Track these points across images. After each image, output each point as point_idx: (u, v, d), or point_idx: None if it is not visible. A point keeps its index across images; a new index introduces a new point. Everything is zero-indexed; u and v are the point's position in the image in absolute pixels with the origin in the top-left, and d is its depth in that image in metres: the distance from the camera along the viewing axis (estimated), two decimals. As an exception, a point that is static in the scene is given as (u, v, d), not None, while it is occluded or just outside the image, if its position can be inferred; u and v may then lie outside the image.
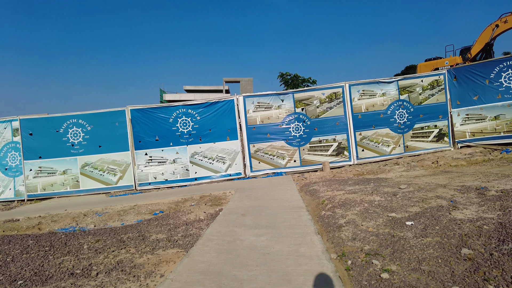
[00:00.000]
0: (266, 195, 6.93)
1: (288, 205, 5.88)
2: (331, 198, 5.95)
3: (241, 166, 10.71)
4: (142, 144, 10.75)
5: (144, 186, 10.72)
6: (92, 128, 10.84)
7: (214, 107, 10.77)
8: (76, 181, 10.76)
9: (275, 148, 10.73)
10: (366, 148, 10.93)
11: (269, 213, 5.41)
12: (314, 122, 10.79)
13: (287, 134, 10.74)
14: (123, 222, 6.61)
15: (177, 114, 10.74)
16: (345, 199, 5.64)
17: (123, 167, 10.82)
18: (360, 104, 10.93)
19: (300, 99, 10.80)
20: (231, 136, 10.75)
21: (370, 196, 5.67)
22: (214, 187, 9.06)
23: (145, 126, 10.74)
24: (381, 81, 11.00)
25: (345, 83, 10.88)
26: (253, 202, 6.28)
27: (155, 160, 10.77)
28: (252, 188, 7.81)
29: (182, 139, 10.75)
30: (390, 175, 8.22)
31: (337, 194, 6.23)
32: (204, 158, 10.76)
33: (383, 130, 10.99)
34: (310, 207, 5.80)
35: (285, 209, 5.59)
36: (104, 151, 10.84)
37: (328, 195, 6.34)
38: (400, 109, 11.02)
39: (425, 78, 11.14)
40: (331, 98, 10.84)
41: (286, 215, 5.23)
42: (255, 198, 6.66)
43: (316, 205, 5.84)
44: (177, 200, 7.56)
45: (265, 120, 10.74)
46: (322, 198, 6.14)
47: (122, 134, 10.78)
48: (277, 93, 10.79)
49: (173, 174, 10.75)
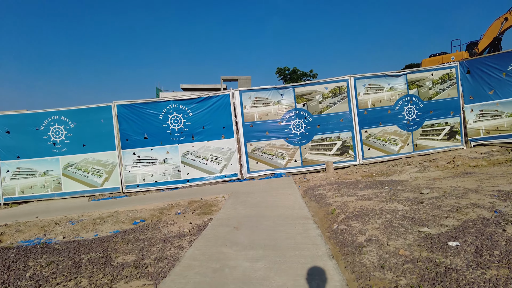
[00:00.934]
0: (264, 201, 5.80)
1: (291, 214, 4.76)
2: (342, 205, 4.83)
3: (237, 166, 9.58)
4: (130, 143, 9.61)
5: (132, 188, 9.58)
6: (76, 125, 9.69)
7: (208, 102, 9.64)
8: (58, 183, 9.61)
9: (274, 147, 9.61)
10: (373, 147, 9.82)
11: (268, 226, 4.28)
12: (317, 119, 9.67)
13: (287, 131, 9.62)
14: (97, 233, 5.48)
15: (167, 110, 9.60)
16: (360, 208, 4.52)
17: (109, 167, 9.68)
18: (366, 99, 9.82)
19: (301, 94, 9.68)
20: (227, 134, 9.62)
21: (390, 204, 4.56)
22: (207, 190, 7.92)
23: (133, 123, 9.60)
24: (388, 75, 9.89)
25: (350, 76, 9.77)
26: (249, 211, 5.16)
27: (144, 160, 9.64)
28: (249, 192, 6.69)
29: (173, 137, 9.61)
30: (404, 176, 7.11)
31: (349, 201, 5.11)
32: (197, 158, 9.63)
33: (391, 127, 9.89)
34: (317, 217, 4.68)
35: (287, 220, 4.47)
36: (89, 150, 9.69)
37: (337, 201, 5.21)
38: (409, 105, 9.92)
39: (436, 71, 10.04)
40: (334, 92, 9.73)
41: (290, 228, 4.11)
42: (252, 205, 5.53)
43: (325, 214, 4.71)
44: (163, 206, 6.43)
45: (264, 117, 9.62)
46: (331, 205, 5.01)
47: (108, 132, 9.64)
48: (276, 87, 9.67)
49: (163, 176, 9.61)
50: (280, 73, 24.41)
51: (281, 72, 24.21)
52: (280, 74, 24.35)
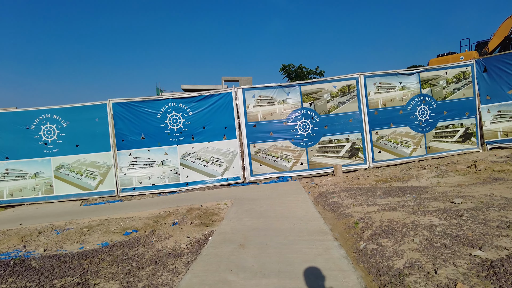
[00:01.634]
0: (272, 209, 5.04)
1: (305, 227, 4.00)
2: (365, 217, 4.07)
3: (240, 169, 8.83)
4: (126, 144, 8.85)
5: (128, 192, 8.81)
6: (69, 124, 8.93)
7: (209, 101, 8.89)
8: (49, 186, 8.84)
9: (279, 149, 8.86)
10: (383, 149, 9.07)
11: (280, 243, 3.52)
12: (324, 119, 8.92)
13: (293, 132, 8.86)
14: (83, 245, 4.72)
15: (166, 109, 8.85)
16: (388, 221, 3.76)
17: (103, 169, 8.92)
18: (376, 98, 9.08)
19: (308, 93, 8.94)
20: (229, 135, 8.87)
21: (422, 216, 3.81)
22: (207, 195, 7.16)
23: (129, 122, 8.84)
24: (400, 73, 9.15)
25: (359, 74, 9.03)
26: (256, 222, 4.39)
27: (141, 161, 8.88)
28: (254, 199, 5.92)
29: (172, 137, 8.85)
30: (423, 182, 6.36)
31: (371, 211, 4.36)
32: (197, 160, 8.87)
33: (403, 128, 9.14)
34: (337, 232, 3.92)
35: (302, 235, 3.71)
36: (82, 151, 8.92)
37: (357, 212, 4.46)
38: (422, 105, 9.18)
39: (450, 69, 9.30)
40: (343, 91, 8.99)
41: (306, 247, 3.35)
42: (258, 215, 4.77)
43: (346, 228, 3.95)
44: (158, 214, 5.67)
45: (268, 117, 8.87)
46: (351, 217, 4.25)
47: (102, 131, 8.88)
48: (281, 85, 8.92)
49: (161, 178, 8.85)
50: (285, 71, 22.72)
51: (285, 70, 22.49)
52: (285, 72, 22.67)
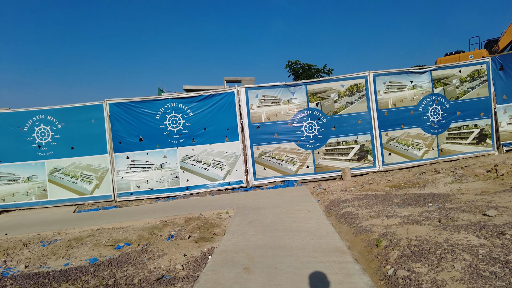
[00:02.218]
0: (279, 220, 4.46)
1: (319, 244, 3.42)
2: (387, 233, 3.49)
3: (243, 172, 8.26)
4: (123, 146, 8.30)
5: (125, 196, 8.26)
6: (64, 126, 8.39)
7: (210, 101, 8.32)
8: (43, 190, 8.30)
9: (284, 151, 8.28)
10: (394, 151, 8.48)
11: (292, 266, 2.95)
12: (332, 120, 8.33)
13: (299, 134, 8.28)
14: (68, 261, 4.18)
15: (165, 109, 8.29)
16: (416, 239, 3.18)
17: (100, 173, 8.37)
18: (386, 98, 8.49)
19: (314, 92, 8.35)
20: (231, 137, 8.30)
21: (456, 233, 3.22)
22: (208, 202, 6.58)
23: (126, 123, 8.29)
24: (411, 71, 8.56)
25: (368, 72, 8.44)
26: (262, 237, 3.82)
27: (139, 165, 8.33)
28: (258, 208, 5.34)
29: (171, 139, 8.29)
30: (442, 188, 5.77)
31: (392, 225, 3.78)
32: (198, 163, 8.30)
33: (414, 130, 8.54)
34: (355, 250, 3.35)
35: (316, 255, 3.14)
36: (78, 154, 8.38)
37: (376, 225, 3.88)
38: (434, 105, 8.58)
39: (464, 67, 8.70)
40: (351, 91, 8.40)
41: (323, 271, 2.78)
42: (264, 228, 4.19)
43: (366, 246, 3.37)
44: (154, 224, 5.10)
45: (272, 117, 8.29)
46: (370, 231, 3.67)
47: (99, 133, 8.33)
48: (286, 84, 8.34)
49: (159, 182, 8.29)
50: (291, 68, 20.94)
51: (291, 67, 20.70)
52: (291, 69, 20.92)
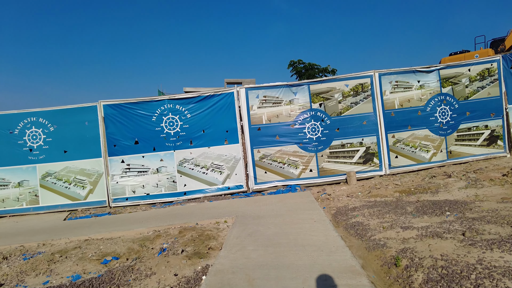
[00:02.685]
0: (282, 232, 4.00)
1: (328, 263, 2.95)
2: (407, 250, 3.01)
3: (243, 176, 7.79)
4: (118, 149, 7.85)
5: (120, 202, 7.81)
6: (56, 128, 7.95)
7: (209, 102, 7.87)
8: (34, 196, 7.85)
9: (286, 154, 7.82)
10: (401, 154, 8.01)
11: (299, 292, 2.48)
12: (336, 121, 7.87)
13: (301, 136, 7.82)
14: (48, 279, 3.73)
15: (161, 111, 7.85)
16: (442, 258, 2.71)
17: (94, 177, 7.92)
18: (392, 98, 8.03)
19: (317, 92, 7.90)
20: (230, 139, 7.85)
21: (489, 252, 2.75)
22: (206, 209, 6.11)
23: (121, 126, 7.85)
24: (418, 70, 8.10)
25: (374, 72, 7.98)
26: (263, 254, 3.35)
27: (134, 169, 7.88)
28: (259, 216, 4.87)
29: (168, 142, 7.85)
30: (457, 194, 5.29)
31: (409, 238, 3.31)
32: (196, 167, 7.85)
33: (422, 131, 8.08)
34: (371, 269, 2.88)
35: (326, 278, 2.67)
36: (71, 157, 7.94)
37: (392, 238, 3.41)
38: (442, 105, 8.12)
39: (473, 66, 8.24)
40: (356, 90, 7.95)
41: (336, 300, 2.31)
42: (266, 241, 3.72)
43: (382, 265, 2.90)
44: (146, 235, 4.64)
45: (273, 119, 7.84)
46: (386, 247, 3.19)
47: (93, 136, 7.89)
48: (288, 84, 7.89)
49: (156, 187, 7.83)
50: (294, 67, 19.65)
51: (294, 66, 19.59)
52: (294, 69, 19.78)
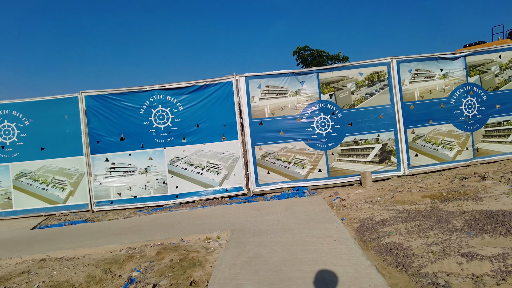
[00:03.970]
0: (293, 259, 2.84)
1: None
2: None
3: (243, 177, 6.64)
4: (102, 146, 6.72)
5: (104, 205, 6.69)
6: (32, 122, 6.82)
7: (204, 93, 6.71)
8: (7, 198, 6.74)
9: (292, 152, 6.66)
10: (421, 152, 6.84)
11: None
12: (348, 114, 6.70)
13: (309, 131, 6.66)
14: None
15: (150, 102, 6.70)
16: None
17: (74, 178, 6.80)
18: (412, 89, 6.85)
19: (327, 81, 6.72)
20: (228, 135, 6.70)
21: None
22: (197, 217, 4.93)
23: (105, 120, 6.71)
24: (441, 57, 6.90)
25: (391, 58, 6.79)
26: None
27: (120, 168, 6.74)
28: (261, 231, 3.70)
29: (158, 138, 6.70)
30: (509, 202, 4.12)
31: (484, 275, 2.15)
32: (190, 166, 6.70)
33: (445, 126, 6.89)
34: None
35: None
36: (49, 155, 6.81)
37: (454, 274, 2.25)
38: (468, 97, 6.93)
39: (505, 52, 7.03)
40: (371, 80, 6.77)
41: None
42: (271, 276, 2.56)
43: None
44: (116, 256, 3.49)
45: (277, 112, 6.68)
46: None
47: (73, 131, 6.76)
48: (294, 72, 6.72)
49: (144, 189, 6.70)
50: (300, 55, 16.76)
51: (300, 54, 16.69)
52: (299, 57, 16.84)
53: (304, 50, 15.59)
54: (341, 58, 15.98)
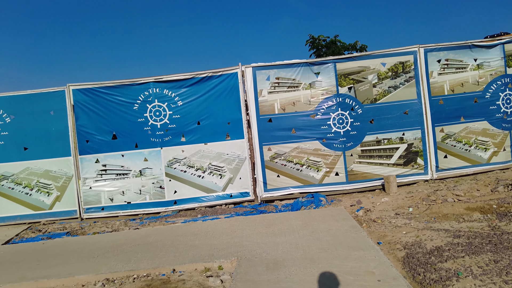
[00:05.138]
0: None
1: None
2: None
3: (249, 181, 5.73)
4: (92, 146, 5.84)
5: (94, 212, 5.82)
6: (14, 119, 5.95)
7: (206, 86, 5.78)
8: (-13, 204, 5.91)
9: (305, 153, 5.73)
10: (451, 153, 5.87)
11: None
12: (369, 110, 5.74)
13: (325, 129, 5.71)
14: None
15: (145, 97, 5.79)
16: None
17: (61, 181, 5.93)
18: (441, 82, 5.86)
19: (346, 73, 5.75)
20: (233, 133, 5.77)
21: None
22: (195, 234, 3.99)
23: (96, 116, 5.82)
24: (475, 45, 5.90)
25: (418, 46, 5.80)
26: None
27: (112, 171, 5.86)
28: (277, 262, 2.78)
29: (154, 137, 5.80)
30: None
31: None
32: (189, 169, 5.80)
33: (479, 124, 5.91)
34: None
35: None
36: (33, 156, 5.95)
37: None
38: (507, 91, 5.94)
39: (549, 39, 6.02)
40: (395, 71, 5.79)
41: None
42: None
43: None
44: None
45: (289, 107, 5.73)
46: None
47: (60, 129, 5.88)
48: (308, 62, 5.75)
49: (139, 194, 5.81)
50: (314, 45, 14.32)
51: (314, 43, 14.24)
52: (313, 46, 14.38)
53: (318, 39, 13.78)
54: (358, 47, 13.61)
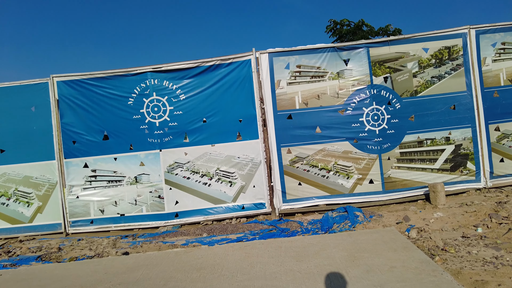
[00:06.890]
0: None
1: None
2: None
3: (265, 190, 4.62)
4: (79, 148, 4.79)
5: (82, 226, 4.76)
6: (-10, 117, 4.95)
7: (213, 76, 4.70)
8: (-42, 216, 4.89)
9: (333, 156, 4.62)
10: (508, 156, 4.72)
11: None
12: (409, 105, 4.62)
13: (357, 128, 4.60)
14: None
15: (142, 89, 4.73)
16: None
17: (43, 189, 4.88)
18: (496, 70, 4.72)
19: (381, 60, 4.64)
20: (246, 133, 4.68)
21: None
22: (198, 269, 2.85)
23: (84, 113, 4.78)
24: (536, 26, 4.76)
25: (469, 28, 4.67)
26: None
27: (102, 177, 4.80)
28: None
29: (152, 137, 4.74)
30: None
31: None
32: (194, 175, 4.72)
33: (540, 120, 4.77)
34: None
35: None
36: (10, 160, 4.92)
37: None
38: None
39: None
40: (440, 58, 4.67)
41: None
42: None
43: None
44: None
45: (312, 101, 4.63)
46: None
47: (42, 128, 4.84)
48: (335, 47, 4.65)
49: (134, 205, 4.74)
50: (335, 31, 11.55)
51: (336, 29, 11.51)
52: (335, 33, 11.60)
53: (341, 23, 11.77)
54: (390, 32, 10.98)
